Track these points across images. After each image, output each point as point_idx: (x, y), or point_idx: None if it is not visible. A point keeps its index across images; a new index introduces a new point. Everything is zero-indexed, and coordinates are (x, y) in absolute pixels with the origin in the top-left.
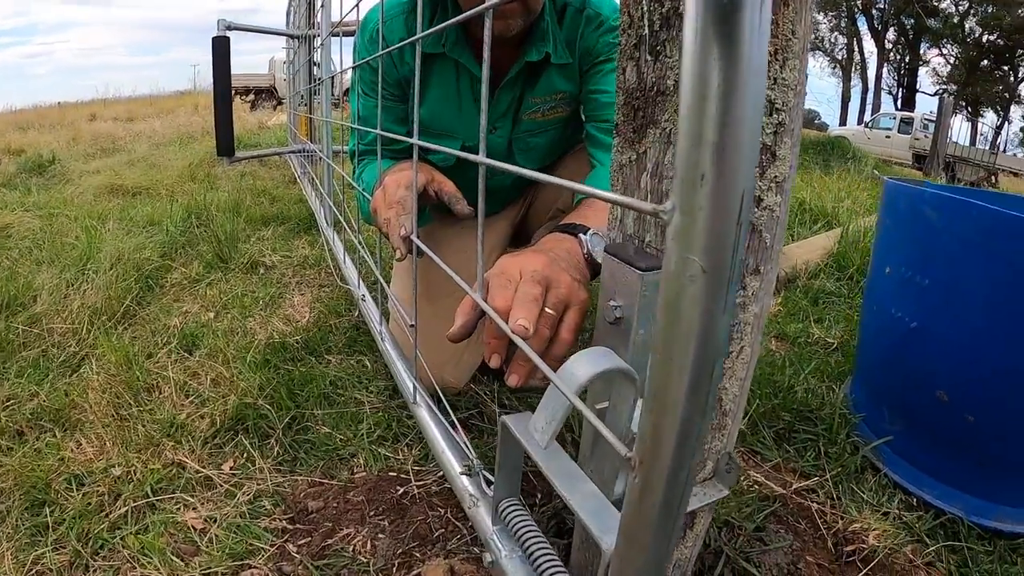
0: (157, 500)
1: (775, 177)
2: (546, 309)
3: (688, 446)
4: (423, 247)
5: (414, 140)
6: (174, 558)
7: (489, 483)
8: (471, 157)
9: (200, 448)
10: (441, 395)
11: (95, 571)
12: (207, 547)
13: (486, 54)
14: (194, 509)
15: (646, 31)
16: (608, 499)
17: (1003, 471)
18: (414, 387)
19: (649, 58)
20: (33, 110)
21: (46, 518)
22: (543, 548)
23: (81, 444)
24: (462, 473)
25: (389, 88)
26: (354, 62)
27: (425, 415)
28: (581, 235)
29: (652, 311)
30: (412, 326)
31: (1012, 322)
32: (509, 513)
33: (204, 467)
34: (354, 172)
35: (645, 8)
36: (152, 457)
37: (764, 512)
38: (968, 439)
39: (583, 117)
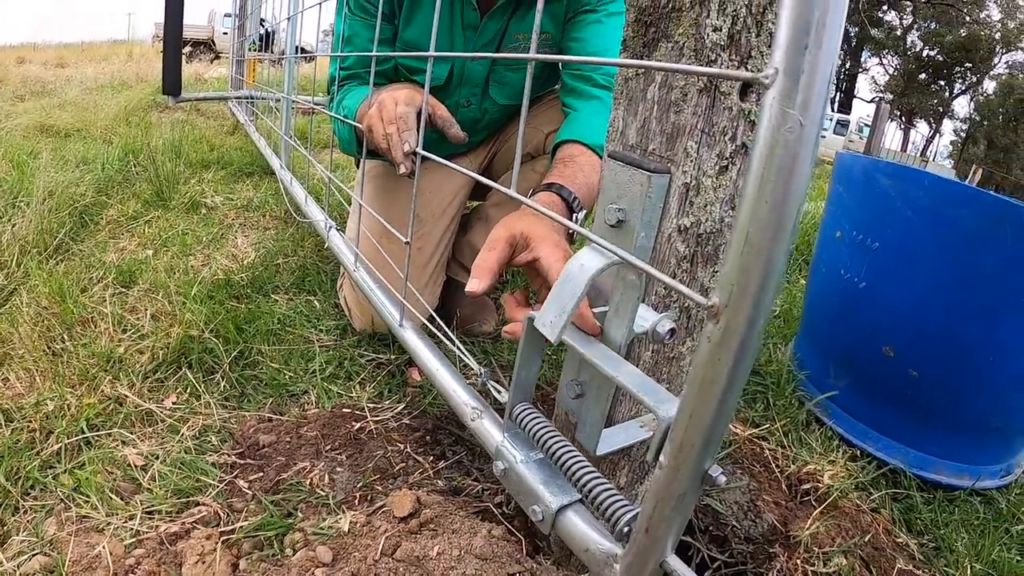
0: (93, 436)
1: None
2: None
3: (771, 288)
4: (435, 158)
5: (430, 53)
6: (113, 496)
7: (498, 392)
8: (521, 56)
9: (140, 382)
10: (433, 314)
11: (25, 512)
12: (149, 484)
13: None
14: (134, 445)
15: None
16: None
17: (941, 426)
18: (401, 311)
19: None
20: None
21: None
22: (567, 448)
23: (9, 379)
24: (470, 382)
25: (377, 3)
26: None
27: (415, 337)
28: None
29: (654, 216)
30: (407, 243)
31: (956, 283)
32: (525, 417)
33: (145, 402)
34: (331, 99)
35: None
36: (87, 392)
37: (721, 454)
38: (911, 393)
39: (560, 65)
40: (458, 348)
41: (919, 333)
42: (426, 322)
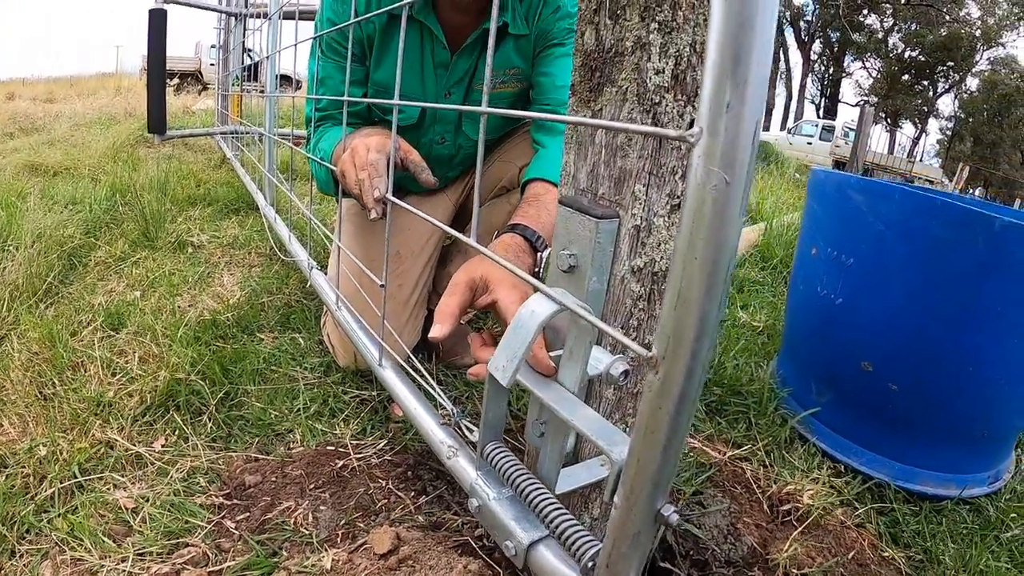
0: (85, 480)
1: None
2: None
3: (706, 338)
4: (403, 205)
5: (395, 102)
6: (105, 539)
7: (470, 431)
8: (477, 110)
9: (130, 426)
10: (410, 355)
11: (21, 556)
12: (140, 527)
13: (493, 28)
14: (125, 488)
15: None
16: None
17: (925, 437)
18: (380, 351)
19: (609, 22)
20: None
21: None
22: (535, 485)
23: (3, 425)
24: (442, 424)
25: (350, 47)
26: (318, 20)
27: (393, 376)
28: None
29: (605, 260)
30: (382, 286)
31: (929, 294)
32: (495, 455)
33: (134, 445)
34: (308, 140)
35: None
36: (79, 436)
37: (701, 478)
38: (892, 407)
39: (530, 98)
40: (434, 389)
41: (896, 347)
42: (403, 364)
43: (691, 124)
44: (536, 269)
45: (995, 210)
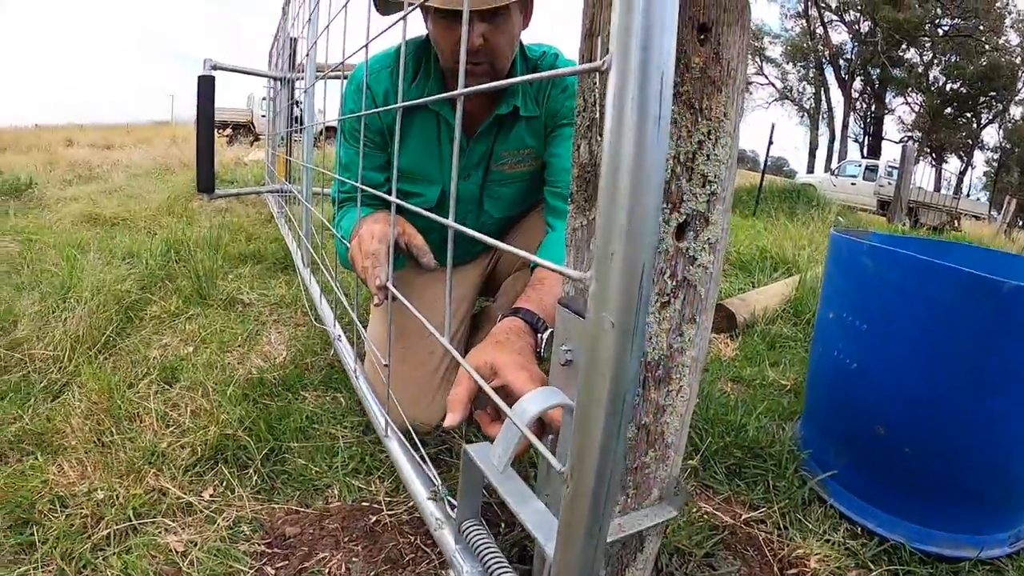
0: (139, 523)
1: (708, 239)
2: None
3: (607, 460)
4: (399, 296)
5: (392, 198)
6: None
7: (453, 507)
8: (444, 220)
9: (181, 475)
10: (411, 430)
11: None
12: (188, 569)
13: (457, 133)
14: (175, 533)
15: (598, 115)
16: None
17: (941, 499)
18: (386, 422)
19: (599, 138)
20: (10, 130)
21: (31, 537)
22: (500, 563)
23: (64, 468)
24: (429, 498)
25: (371, 135)
26: (340, 110)
27: (396, 447)
28: (536, 327)
29: None
30: (386, 366)
31: (938, 360)
32: (470, 533)
33: (185, 494)
34: (334, 217)
35: (598, 95)
36: (134, 482)
37: (713, 540)
38: (906, 470)
39: (544, 179)
40: (425, 463)
41: (907, 412)
42: (409, 435)
43: (679, 230)
44: (538, 349)
45: (1017, 265)
